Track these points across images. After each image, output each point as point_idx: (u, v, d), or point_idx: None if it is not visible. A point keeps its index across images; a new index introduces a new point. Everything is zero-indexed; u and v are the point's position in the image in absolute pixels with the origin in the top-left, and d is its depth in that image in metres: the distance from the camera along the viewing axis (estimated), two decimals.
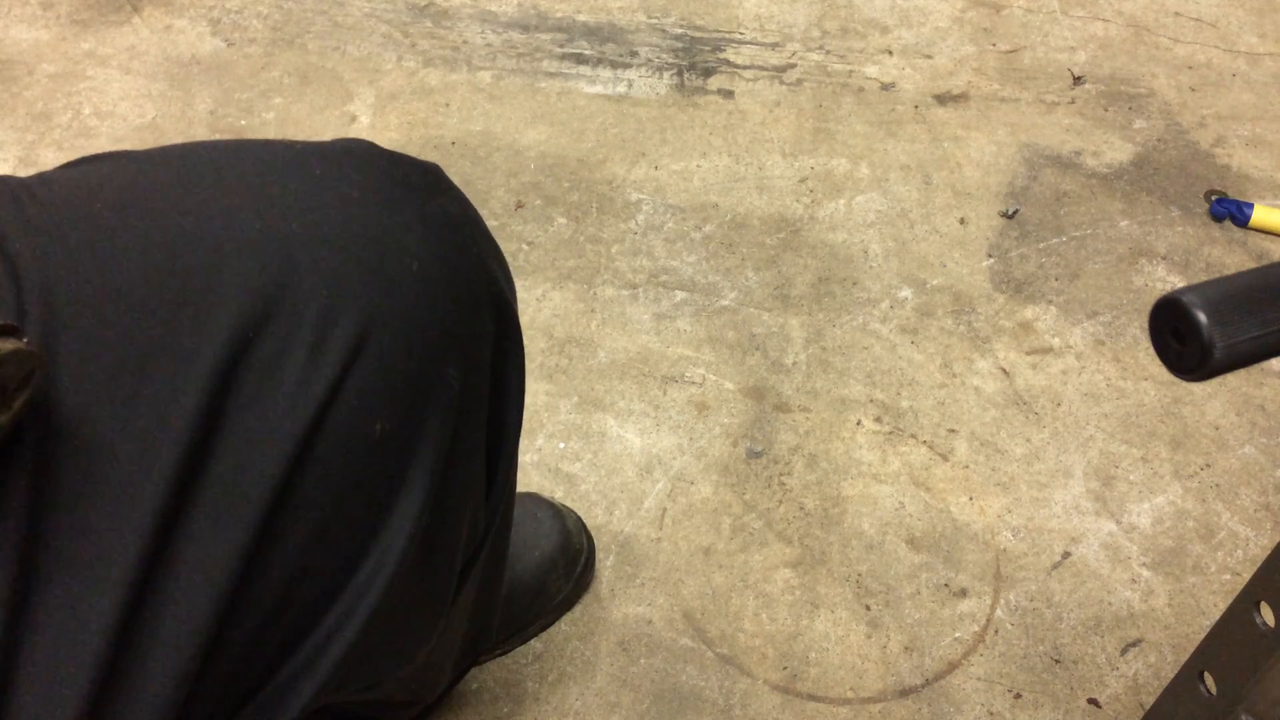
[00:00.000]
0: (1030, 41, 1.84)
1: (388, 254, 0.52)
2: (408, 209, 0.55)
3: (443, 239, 0.56)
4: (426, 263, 0.54)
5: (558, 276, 1.45)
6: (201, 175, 0.52)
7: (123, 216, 0.49)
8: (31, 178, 0.52)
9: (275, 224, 0.50)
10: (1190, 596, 1.16)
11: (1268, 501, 1.24)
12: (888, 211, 1.56)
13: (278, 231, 0.50)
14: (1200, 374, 0.43)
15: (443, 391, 0.56)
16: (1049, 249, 1.52)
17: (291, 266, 0.49)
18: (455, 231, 0.58)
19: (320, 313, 0.49)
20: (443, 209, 0.57)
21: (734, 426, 1.29)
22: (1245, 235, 1.53)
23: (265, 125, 1.64)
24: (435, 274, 0.54)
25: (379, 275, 0.52)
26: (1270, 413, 1.33)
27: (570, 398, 1.31)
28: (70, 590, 0.40)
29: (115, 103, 1.67)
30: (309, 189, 0.53)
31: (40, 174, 0.53)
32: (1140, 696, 1.08)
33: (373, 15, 1.84)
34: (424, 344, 0.54)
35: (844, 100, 1.73)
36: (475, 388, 0.60)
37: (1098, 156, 1.65)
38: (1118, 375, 1.37)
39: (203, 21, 1.82)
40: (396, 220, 0.54)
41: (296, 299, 0.49)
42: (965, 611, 1.14)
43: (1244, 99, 1.74)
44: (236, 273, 0.46)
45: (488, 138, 1.64)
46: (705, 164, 1.62)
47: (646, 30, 1.84)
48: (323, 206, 0.52)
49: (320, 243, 0.51)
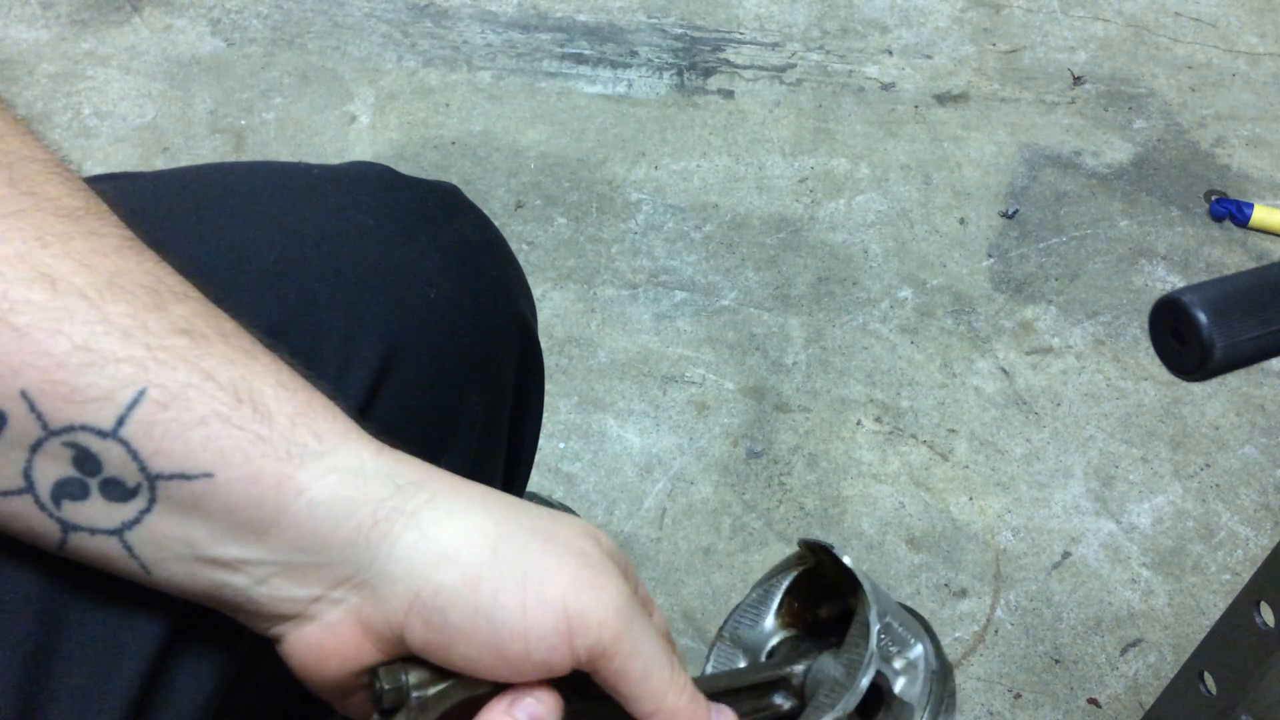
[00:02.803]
0: (1030, 41, 1.84)
1: (406, 283, 0.52)
2: (424, 236, 0.54)
3: (461, 265, 0.56)
4: (445, 290, 0.53)
5: (558, 276, 1.45)
6: (213, 201, 0.52)
7: None
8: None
9: (291, 254, 0.50)
10: (1190, 596, 1.16)
11: (1268, 501, 1.24)
12: (888, 211, 1.56)
13: (294, 262, 0.50)
14: (1200, 374, 0.43)
15: (465, 417, 0.56)
16: (1049, 249, 1.52)
17: (310, 299, 0.49)
18: (473, 256, 0.57)
19: (341, 345, 0.49)
20: (460, 234, 0.57)
21: (734, 426, 1.29)
22: (1245, 235, 1.53)
23: (265, 125, 1.64)
24: (455, 301, 0.54)
25: (398, 305, 0.51)
26: (1270, 413, 1.33)
27: (570, 398, 1.31)
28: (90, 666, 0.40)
29: (115, 103, 1.67)
30: (324, 217, 0.52)
31: None
32: (1140, 696, 1.08)
33: (373, 15, 1.84)
34: (445, 372, 0.54)
35: (844, 100, 1.73)
36: (497, 410, 0.60)
37: (1098, 156, 1.65)
38: (1118, 375, 1.37)
39: (203, 21, 1.82)
40: (413, 248, 0.53)
41: (317, 332, 0.49)
42: (965, 611, 1.14)
43: (1244, 99, 1.74)
44: (252, 305, 0.46)
45: (488, 138, 1.64)
46: (705, 164, 1.62)
47: (646, 30, 1.84)
48: (339, 236, 0.52)
49: (337, 274, 0.50)
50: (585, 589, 0.38)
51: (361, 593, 0.38)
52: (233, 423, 0.36)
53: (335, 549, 0.38)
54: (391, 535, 0.38)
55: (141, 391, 0.36)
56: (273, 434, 0.37)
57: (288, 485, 0.37)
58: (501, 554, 0.38)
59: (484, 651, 0.38)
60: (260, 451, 0.36)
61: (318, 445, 0.38)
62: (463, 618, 0.37)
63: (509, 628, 0.37)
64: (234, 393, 0.36)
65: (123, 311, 0.36)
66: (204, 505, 0.37)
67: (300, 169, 0.56)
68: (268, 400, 0.37)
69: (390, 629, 0.38)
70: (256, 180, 0.54)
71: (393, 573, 0.38)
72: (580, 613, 0.38)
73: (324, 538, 0.37)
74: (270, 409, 0.37)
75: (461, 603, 0.37)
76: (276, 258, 0.49)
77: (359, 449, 0.39)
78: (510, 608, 0.37)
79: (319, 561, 0.38)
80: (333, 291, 0.50)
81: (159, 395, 0.36)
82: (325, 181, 0.55)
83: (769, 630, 0.48)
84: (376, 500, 0.38)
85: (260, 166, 0.56)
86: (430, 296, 0.53)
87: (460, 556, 0.38)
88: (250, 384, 0.37)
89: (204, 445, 0.36)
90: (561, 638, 0.38)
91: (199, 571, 0.38)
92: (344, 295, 0.50)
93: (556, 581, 0.38)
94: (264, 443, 0.36)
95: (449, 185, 0.61)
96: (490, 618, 0.37)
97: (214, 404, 0.36)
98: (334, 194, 0.54)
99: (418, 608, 0.38)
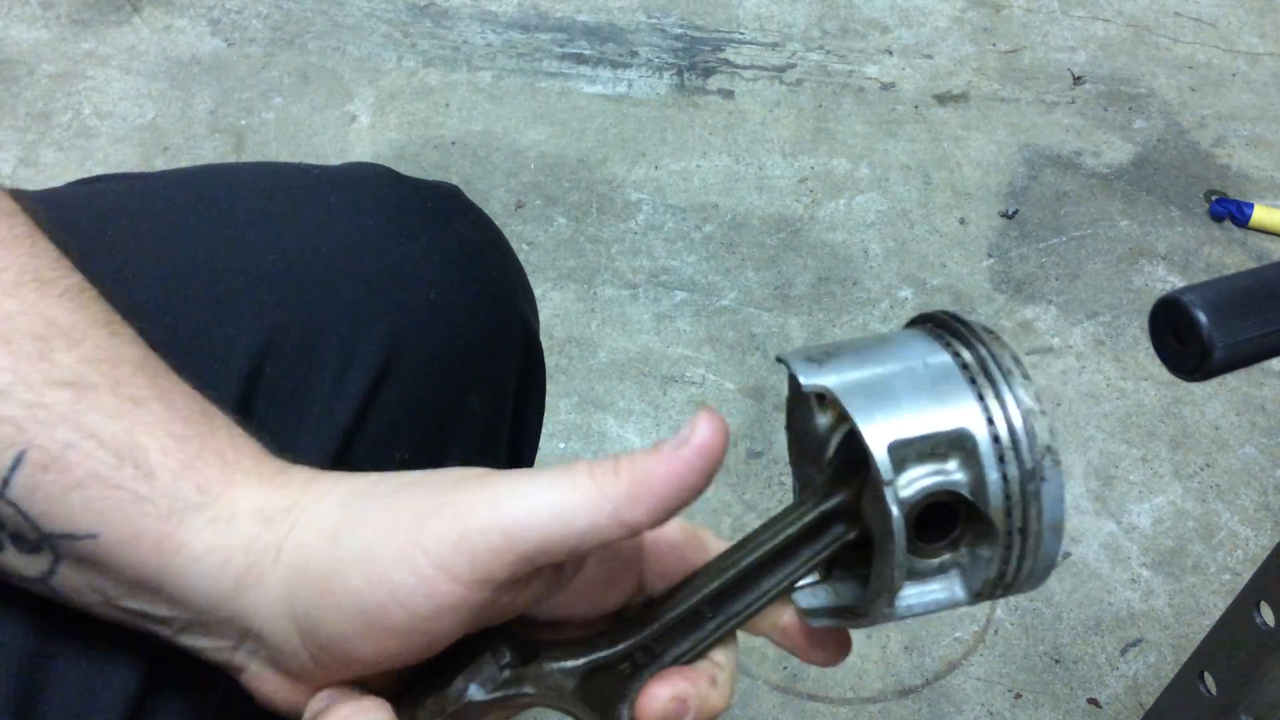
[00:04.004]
0: (1030, 41, 1.84)
1: (407, 284, 0.52)
2: (425, 237, 0.54)
3: (462, 266, 0.56)
4: (446, 291, 0.54)
5: (558, 276, 1.45)
6: (214, 202, 0.52)
7: (135, 243, 0.49)
8: (38, 194, 0.51)
9: (293, 255, 0.50)
10: (1190, 596, 1.16)
11: (1268, 501, 1.24)
12: (888, 211, 1.56)
13: (295, 263, 0.50)
14: (1200, 374, 0.43)
15: (465, 418, 0.56)
16: (1049, 249, 1.52)
17: (311, 299, 0.49)
18: (474, 257, 0.57)
19: (342, 345, 0.49)
20: (461, 235, 0.57)
21: (734, 426, 1.29)
22: (1245, 235, 1.53)
23: (265, 125, 1.64)
24: (456, 302, 0.54)
25: (399, 306, 0.51)
26: (1270, 413, 1.33)
27: (570, 398, 1.31)
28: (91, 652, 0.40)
29: (115, 103, 1.67)
30: (325, 218, 0.52)
31: (47, 191, 0.53)
32: (1140, 696, 1.08)
33: (373, 15, 1.84)
34: (446, 373, 0.54)
35: (844, 100, 1.73)
36: (498, 411, 0.60)
37: (1098, 156, 1.65)
38: (1118, 375, 1.37)
39: (203, 21, 1.82)
40: (414, 249, 0.53)
41: (318, 333, 0.49)
42: (965, 611, 1.14)
43: (1244, 99, 1.74)
44: (253, 304, 0.46)
45: (488, 138, 1.64)
46: (705, 164, 1.62)
47: (646, 30, 1.84)
48: (340, 236, 0.52)
49: (339, 274, 0.50)
50: (430, 521, 0.34)
51: (261, 642, 0.37)
52: (111, 483, 0.35)
53: (222, 602, 0.36)
54: (264, 577, 0.36)
55: (21, 453, 0.35)
56: (154, 491, 0.35)
57: (167, 544, 0.35)
58: (341, 541, 0.35)
59: (383, 641, 0.34)
60: (140, 511, 0.35)
61: (199, 497, 0.36)
62: (336, 623, 0.34)
63: (375, 603, 0.34)
64: (115, 450, 0.35)
65: (3, 366, 0.35)
66: (99, 562, 0.36)
67: (301, 170, 0.56)
68: (150, 455, 0.36)
69: (303, 668, 0.36)
70: (258, 181, 0.54)
71: (271, 613, 0.36)
72: (437, 547, 0.33)
73: (207, 593, 0.36)
74: (152, 464, 0.36)
75: (327, 609, 0.34)
76: (278, 258, 0.49)
77: (241, 490, 0.37)
78: (363, 587, 0.34)
79: (216, 617, 0.36)
80: (334, 292, 0.50)
81: (38, 457, 0.35)
82: (326, 183, 0.55)
83: (825, 427, 0.38)
84: (247, 541, 0.36)
85: (261, 168, 0.56)
86: (431, 297, 0.53)
87: (309, 567, 0.35)
88: (134, 439, 0.36)
89: (84, 507, 0.35)
90: (428, 581, 0.33)
91: (128, 620, 0.38)
92: (345, 296, 0.50)
93: (394, 535, 0.34)
94: (144, 501, 0.35)
95: (450, 186, 0.61)
96: (358, 608, 0.34)
97: (93, 464, 0.35)
98: (335, 195, 0.54)
99: (304, 637, 0.35)
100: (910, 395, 0.35)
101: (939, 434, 0.34)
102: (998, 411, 0.34)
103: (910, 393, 0.35)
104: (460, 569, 0.33)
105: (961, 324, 0.36)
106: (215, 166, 0.57)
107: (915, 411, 0.34)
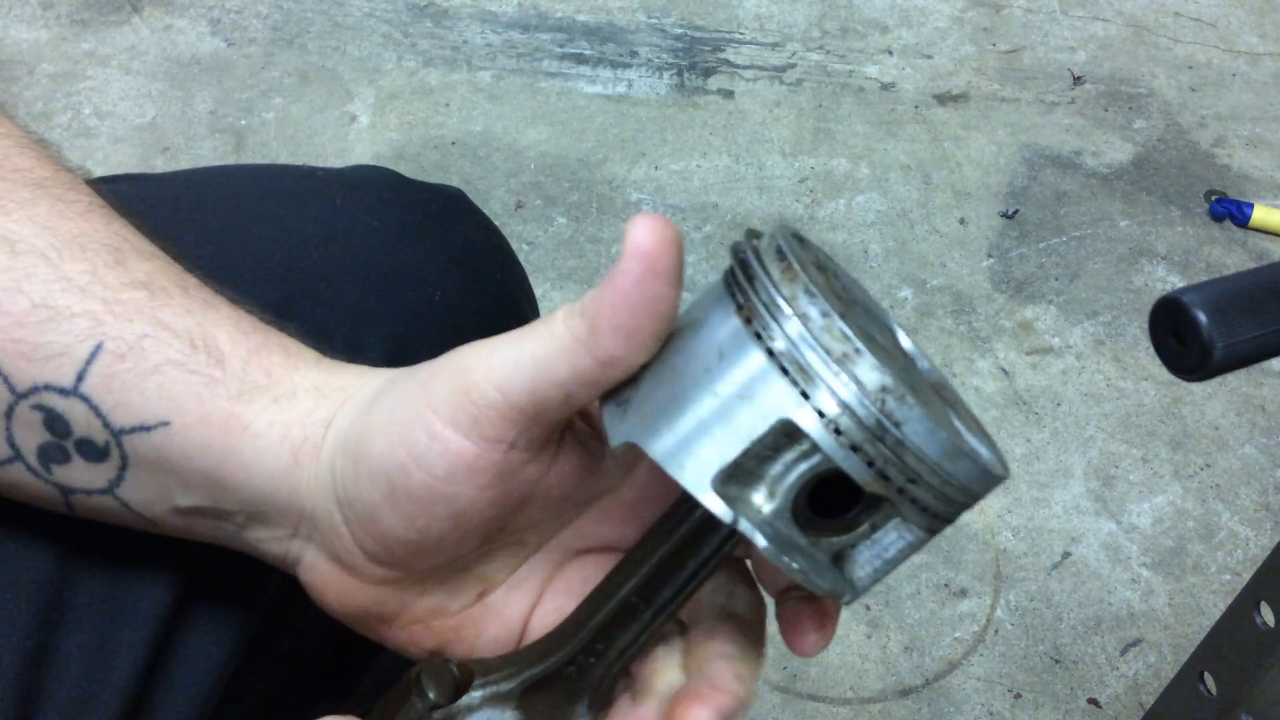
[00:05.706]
0: (1030, 41, 1.84)
1: (410, 285, 0.53)
2: (429, 239, 0.55)
3: (465, 268, 0.56)
4: (449, 293, 0.54)
5: (558, 276, 1.45)
6: (218, 203, 0.52)
7: None
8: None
9: (296, 257, 0.50)
10: (1190, 596, 1.16)
11: (1268, 501, 1.24)
12: (888, 211, 1.56)
13: (299, 265, 0.50)
14: (1200, 374, 0.43)
15: None
16: (1049, 249, 1.52)
17: (315, 301, 0.49)
18: (478, 260, 0.58)
19: (345, 347, 0.49)
20: (464, 237, 0.58)
21: None
22: (1245, 235, 1.53)
23: (265, 125, 1.64)
24: (458, 304, 0.54)
25: (402, 307, 0.52)
26: (1270, 413, 1.33)
27: None
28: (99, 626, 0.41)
29: (115, 103, 1.67)
30: (329, 220, 0.53)
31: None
32: (1140, 696, 1.08)
33: (373, 15, 1.84)
34: None
35: (844, 100, 1.73)
36: None
37: (1098, 156, 1.65)
38: (1118, 375, 1.37)
39: (203, 21, 1.82)
40: (418, 251, 0.54)
41: (321, 334, 0.49)
42: (965, 611, 1.14)
43: (1244, 99, 1.74)
44: (258, 306, 0.46)
45: (488, 138, 1.64)
46: (705, 164, 1.62)
47: (646, 30, 1.84)
48: (344, 238, 0.52)
49: (342, 276, 0.51)
50: (437, 382, 0.34)
51: (315, 525, 0.37)
52: (186, 368, 0.37)
53: (280, 479, 0.37)
54: (317, 450, 0.36)
55: (98, 345, 0.36)
56: (226, 375, 0.37)
57: (234, 424, 0.36)
58: (372, 410, 0.36)
59: (408, 509, 0.34)
60: (212, 393, 0.37)
61: (266, 380, 0.37)
62: (368, 491, 0.35)
63: (395, 465, 0.34)
64: (189, 340, 0.37)
65: (81, 269, 0.37)
66: (167, 457, 0.37)
67: (305, 172, 0.56)
68: (222, 344, 0.37)
69: (350, 555, 0.37)
70: (261, 183, 0.55)
71: (319, 488, 0.36)
72: (445, 406, 0.34)
73: (268, 470, 0.37)
74: (224, 352, 0.37)
75: (360, 478, 0.35)
76: (281, 260, 0.50)
77: (302, 374, 0.38)
78: (385, 450, 0.34)
79: (274, 504, 0.37)
80: (338, 294, 0.50)
81: (115, 347, 0.36)
82: (330, 185, 0.55)
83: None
84: (304, 415, 0.37)
85: (265, 169, 0.56)
86: (434, 299, 0.53)
87: (346, 436, 0.36)
88: (206, 331, 0.37)
89: (159, 393, 0.36)
90: (440, 438, 0.34)
91: (191, 522, 0.39)
92: (349, 297, 0.50)
93: (410, 397, 0.34)
94: (216, 384, 0.37)
95: (454, 189, 0.61)
96: (383, 473, 0.34)
97: (169, 351, 0.36)
98: (339, 197, 0.54)
99: (344, 512, 0.36)
100: (716, 405, 0.30)
101: (762, 436, 0.30)
102: (807, 379, 0.29)
103: (714, 401, 0.31)
104: (466, 425, 0.33)
105: (743, 267, 0.32)
106: (219, 168, 0.57)
107: (726, 423, 0.30)
